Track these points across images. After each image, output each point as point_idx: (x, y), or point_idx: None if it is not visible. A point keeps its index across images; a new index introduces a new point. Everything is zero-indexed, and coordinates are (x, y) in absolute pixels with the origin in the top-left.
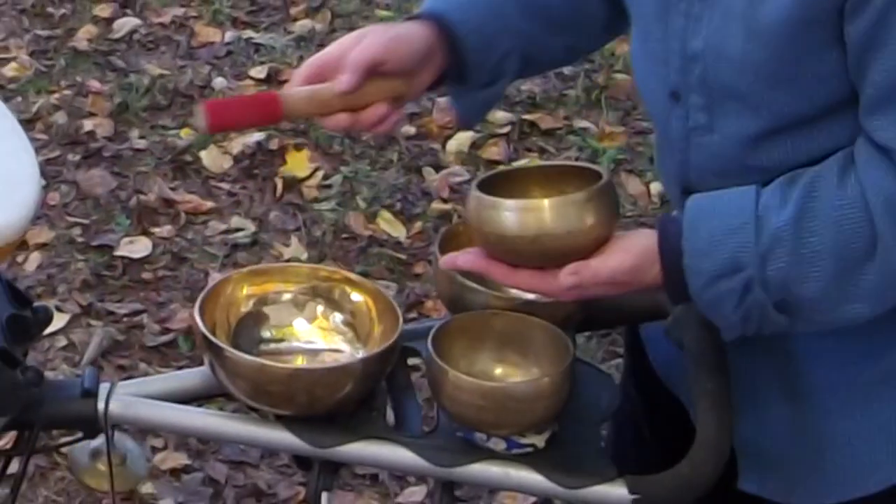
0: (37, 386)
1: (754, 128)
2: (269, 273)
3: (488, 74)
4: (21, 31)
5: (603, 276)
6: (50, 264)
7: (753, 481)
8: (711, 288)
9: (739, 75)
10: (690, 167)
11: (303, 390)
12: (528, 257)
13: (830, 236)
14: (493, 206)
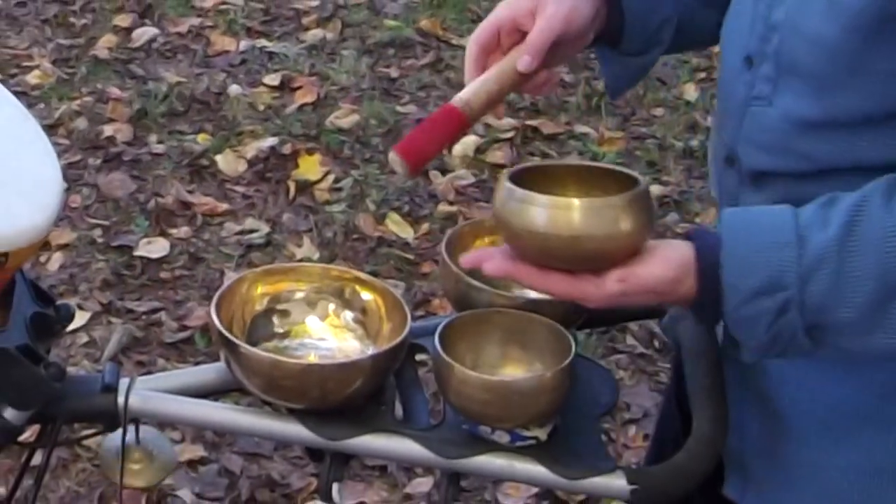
0: (59, 381)
1: (811, 112)
2: (282, 272)
3: (644, 42)
4: (44, 40)
5: (648, 285)
6: (72, 264)
7: (736, 489)
8: (748, 305)
9: (811, 54)
10: (740, 136)
11: (315, 385)
12: (559, 258)
13: (874, 260)
14: (527, 200)
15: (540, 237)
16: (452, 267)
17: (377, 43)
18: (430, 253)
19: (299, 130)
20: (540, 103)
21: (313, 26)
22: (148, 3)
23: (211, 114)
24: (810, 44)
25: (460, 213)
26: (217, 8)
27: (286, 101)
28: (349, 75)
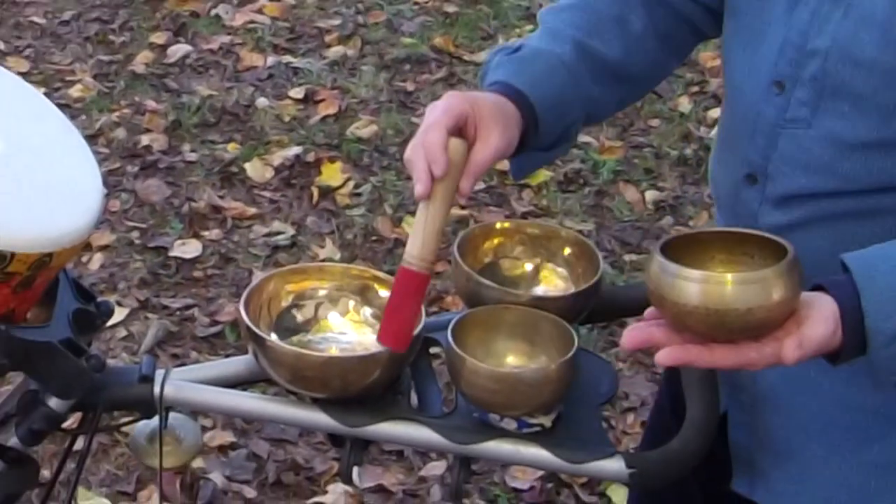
0: (99, 372)
1: (856, 133)
2: (306, 272)
3: (553, 142)
4: (85, 56)
5: (819, 344)
6: (111, 264)
7: (744, 484)
8: (890, 347)
9: (863, 79)
10: (773, 155)
11: (336, 376)
12: (718, 330)
13: None
14: (677, 276)
15: (696, 313)
16: (464, 266)
17: (394, 59)
18: (443, 254)
19: (322, 140)
20: None
21: (335, 43)
22: (182, 22)
23: (240, 125)
24: (864, 69)
25: (471, 216)
26: (246, 26)
27: (310, 113)
28: (368, 89)
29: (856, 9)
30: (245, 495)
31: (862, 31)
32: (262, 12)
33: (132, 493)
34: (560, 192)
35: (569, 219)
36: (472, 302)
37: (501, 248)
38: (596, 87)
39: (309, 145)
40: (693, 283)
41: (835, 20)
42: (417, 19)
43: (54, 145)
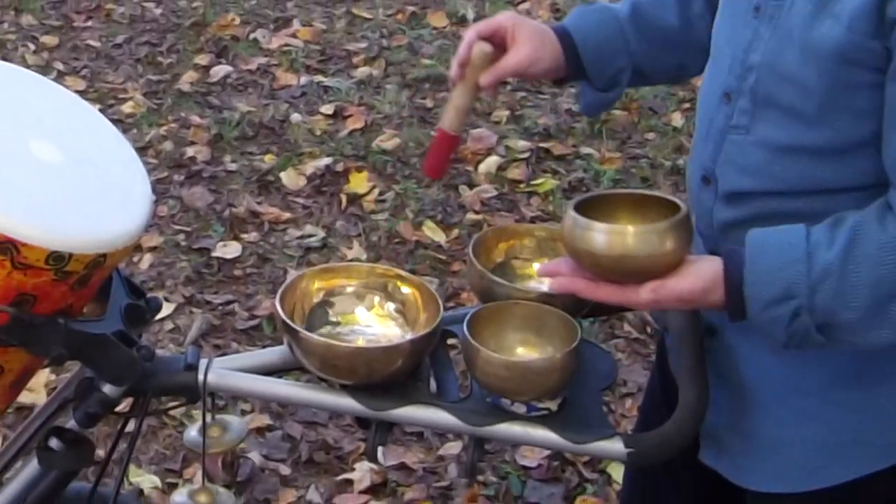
0: (149, 361)
1: (784, 139)
2: (335, 271)
3: (605, 82)
4: (136, 76)
5: (676, 295)
6: (159, 263)
7: (710, 457)
8: (766, 312)
9: (787, 91)
10: (719, 159)
11: (363, 365)
12: (611, 273)
13: (871, 273)
14: (587, 227)
15: (595, 257)
16: (478, 266)
17: (415, 78)
18: (459, 254)
19: (350, 151)
20: (550, 128)
21: (361, 64)
22: (223, 45)
23: (276, 138)
24: (787, 82)
25: (485, 220)
26: (281, 49)
27: (339, 127)
28: (391, 105)
29: (780, 29)
30: (280, 472)
31: (785, 48)
32: (296, 36)
33: (178, 471)
34: (565, 198)
35: None
36: (486, 298)
37: (512, 249)
38: (644, 44)
39: (338, 156)
40: (600, 234)
41: (765, 38)
42: (436, 43)
43: (108, 156)
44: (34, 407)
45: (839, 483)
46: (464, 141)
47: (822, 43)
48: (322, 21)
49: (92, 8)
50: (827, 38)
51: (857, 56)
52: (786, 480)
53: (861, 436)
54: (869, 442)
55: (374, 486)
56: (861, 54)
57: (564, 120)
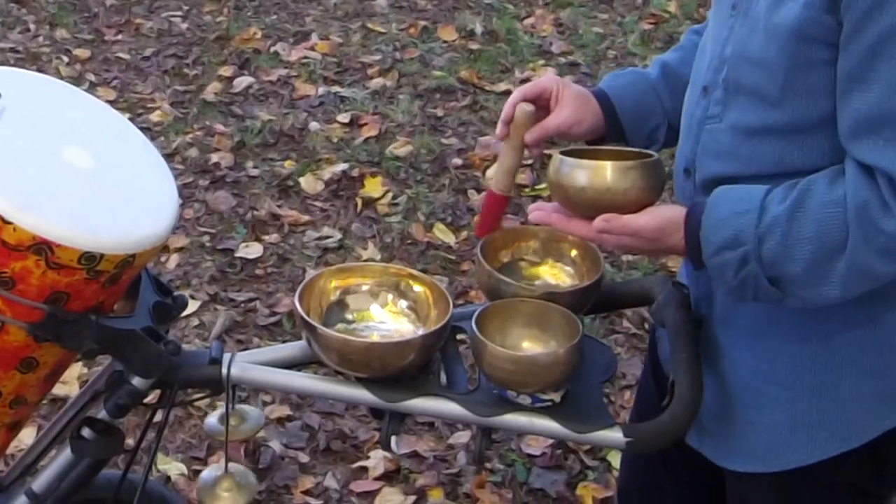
0: (176, 355)
1: (751, 121)
2: (351, 270)
3: (643, 141)
4: (164, 86)
5: (629, 229)
6: (186, 263)
7: (695, 440)
8: (717, 256)
9: (753, 74)
10: (698, 150)
11: (377, 359)
12: (579, 207)
13: (814, 227)
14: (560, 162)
15: (564, 189)
16: (486, 266)
17: (426, 89)
18: (468, 255)
19: (365, 158)
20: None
21: (376, 76)
22: (246, 58)
23: (295, 145)
24: (753, 66)
25: None
26: (300, 61)
27: (354, 135)
28: (404, 114)
29: (749, 19)
30: (299, 460)
31: (752, 35)
32: (314, 49)
33: (203, 459)
34: None
35: None
36: (493, 296)
37: (518, 250)
38: (676, 102)
39: (354, 162)
40: (583, 170)
41: (737, 30)
42: (446, 55)
43: (137, 162)
44: (67, 398)
45: (806, 464)
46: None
47: (782, 23)
48: (339, 35)
49: (122, 23)
50: (786, 17)
51: (813, 31)
52: (759, 461)
53: (824, 417)
54: (831, 424)
55: (388, 472)
56: (816, 29)
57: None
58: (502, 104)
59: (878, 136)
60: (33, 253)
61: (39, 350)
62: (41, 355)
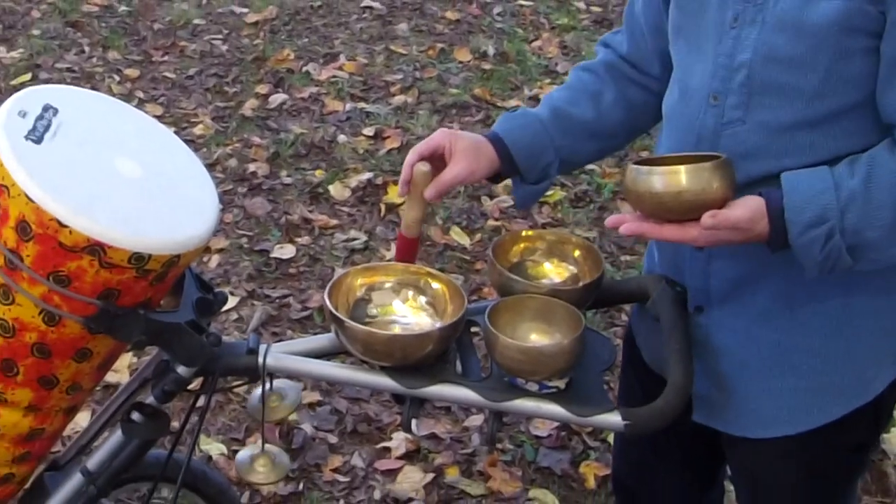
0: (216, 346)
1: (784, 119)
2: (375, 269)
3: (536, 176)
4: (206, 102)
5: (730, 222)
6: (226, 263)
7: (702, 416)
8: (805, 235)
9: (784, 72)
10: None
11: (398, 349)
12: (671, 211)
13: (889, 194)
14: (648, 173)
15: (657, 196)
16: (497, 265)
17: (444, 105)
18: (481, 255)
19: (388, 167)
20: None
21: (398, 93)
22: (280, 77)
23: (325, 155)
24: (784, 65)
25: (503, 226)
26: (329, 80)
27: (378, 147)
28: (423, 128)
29: (768, 23)
30: (328, 441)
31: (776, 37)
32: (342, 69)
33: (241, 440)
34: (571, 207)
35: (578, 228)
36: (503, 292)
37: (526, 251)
38: (567, 139)
39: (378, 171)
40: (658, 176)
41: (752, 37)
42: (461, 74)
43: (181, 171)
44: (118, 385)
45: (815, 427)
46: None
47: (821, 19)
48: (364, 56)
49: (168, 45)
50: (827, 12)
51: (856, 22)
52: (784, 424)
53: (844, 379)
54: (850, 383)
55: (409, 452)
56: (860, 19)
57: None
58: None
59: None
60: (87, 254)
61: (93, 341)
62: (95, 346)
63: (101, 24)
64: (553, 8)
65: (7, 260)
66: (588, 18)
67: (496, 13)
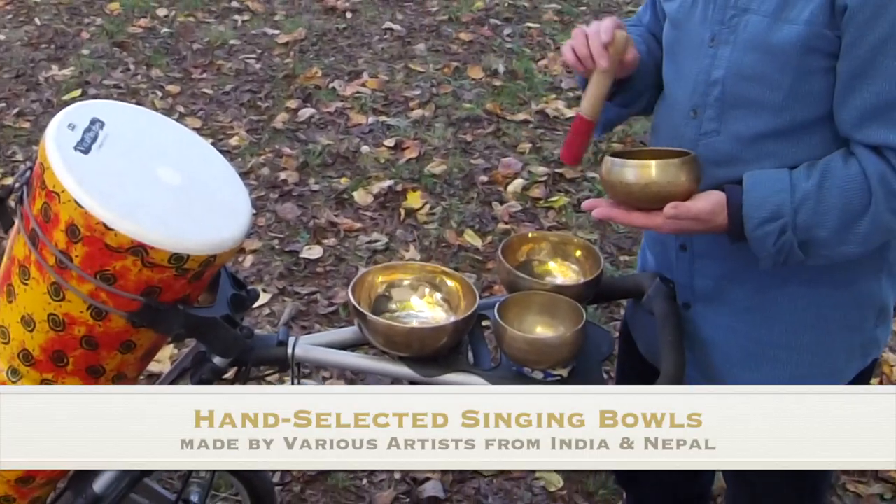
0: (249, 339)
1: (754, 128)
2: (395, 268)
3: (630, 99)
4: (241, 116)
5: (692, 213)
6: (258, 262)
7: None
8: (760, 229)
9: (753, 88)
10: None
11: (416, 341)
12: (640, 200)
13: (838, 198)
14: (622, 165)
15: (628, 186)
16: (505, 264)
17: (458, 118)
18: (492, 255)
19: (407, 175)
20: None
21: (416, 107)
22: (308, 93)
23: (349, 164)
24: (752, 81)
25: (512, 229)
26: (353, 95)
27: (398, 157)
28: (439, 139)
29: (739, 44)
30: None
31: (746, 55)
32: (365, 86)
33: None
34: (574, 212)
35: (580, 231)
36: (512, 289)
37: (532, 251)
38: (654, 75)
39: (398, 179)
40: (630, 168)
41: (726, 56)
42: (474, 90)
43: (218, 179)
44: (160, 374)
45: None
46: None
47: (784, 42)
48: (385, 74)
49: (206, 63)
50: (789, 36)
51: (816, 44)
52: None
53: (817, 370)
54: (822, 373)
55: None
56: (818, 42)
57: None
58: (521, 131)
59: (883, 120)
60: (131, 254)
61: (136, 334)
62: (138, 338)
63: (145, 45)
64: (557, 30)
65: (58, 260)
66: None
67: (506, 34)
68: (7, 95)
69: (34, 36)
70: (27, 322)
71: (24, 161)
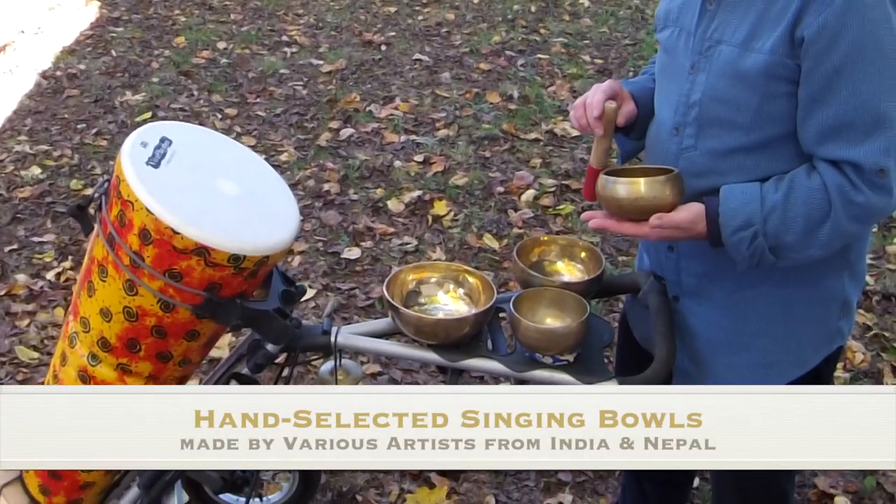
0: (298, 328)
1: (727, 144)
2: (424, 267)
3: (643, 132)
4: (290, 135)
5: (674, 223)
6: (305, 262)
7: (680, 383)
8: (734, 236)
9: (725, 109)
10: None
11: (442, 330)
12: (630, 213)
13: (803, 207)
14: (614, 182)
15: (619, 201)
16: (519, 264)
17: (478, 137)
18: (507, 256)
19: (434, 186)
20: (570, 171)
21: (442, 128)
22: (348, 115)
23: (384, 177)
24: (726, 103)
25: (525, 233)
26: (388, 117)
27: (426, 170)
28: (462, 155)
29: (713, 70)
30: None
31: (719, 81)
32: (398, 109)
33: None
34: (579, 219)
35: (584, 235)
36: (525, 285)
37: (543, 253)
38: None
39: (426, 190)
40: (621, 185)
41: (702, 81)
42: (492, 113)
43: (270, 190)
44: (220, 359)
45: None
46: (510, 180)
47: (751, 69)
48: (415, 99)
49: (260, 90)
50: (755, 64)
51: (779, 71)
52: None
53: (787, 356)
54: (792, 359)
55: None
56: (781, 69)
57: (579, 165)
58: (534, 149)
59: (840, 138)
60: (195, 255)
61: (200, 324)
62: (201, 328)
63: (207, 73)
64: (564, 60)
65: (132, 260)
66: (592, 68)
67: (520, 64)
68: (87, 118)
69: (111, 66)
70: (105, 314)
71: (102, 174)
